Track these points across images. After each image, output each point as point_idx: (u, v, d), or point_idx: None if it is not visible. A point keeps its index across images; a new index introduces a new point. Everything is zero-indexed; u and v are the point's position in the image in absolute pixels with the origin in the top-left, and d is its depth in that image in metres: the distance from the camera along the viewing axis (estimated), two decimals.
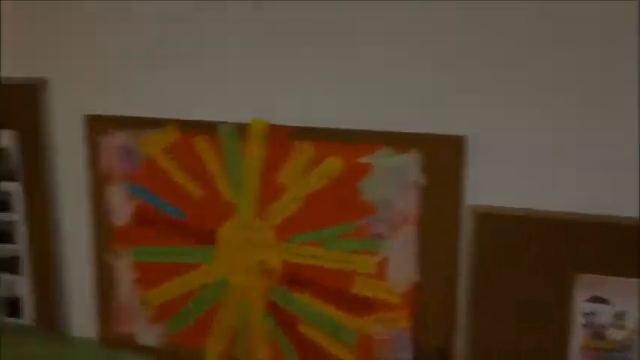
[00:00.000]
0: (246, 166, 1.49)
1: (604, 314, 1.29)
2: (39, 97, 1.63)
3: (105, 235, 1.65)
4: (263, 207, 1.50)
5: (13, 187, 1.72)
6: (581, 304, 1.30)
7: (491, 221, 1.33)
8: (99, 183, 1.63)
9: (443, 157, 1.34)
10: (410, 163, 1.36)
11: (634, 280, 1.25)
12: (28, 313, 1.79)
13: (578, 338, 1.31)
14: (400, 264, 1.41)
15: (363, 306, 1.46)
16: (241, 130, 1.48)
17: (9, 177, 1.71)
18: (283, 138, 1.45)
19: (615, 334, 1.29)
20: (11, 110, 1.66)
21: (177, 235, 1.58)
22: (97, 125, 1.59)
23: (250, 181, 1.49)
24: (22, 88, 1.64)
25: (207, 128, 1.50)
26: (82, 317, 1.75)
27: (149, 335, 1.67)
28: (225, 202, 1.53)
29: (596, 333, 1.30)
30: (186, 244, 1.58)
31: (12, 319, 1.81)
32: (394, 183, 1.38)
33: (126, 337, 1.69)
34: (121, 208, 1.62)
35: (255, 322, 1.56)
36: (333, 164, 1.42)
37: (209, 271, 1.58)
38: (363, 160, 1.40)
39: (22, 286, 1.78)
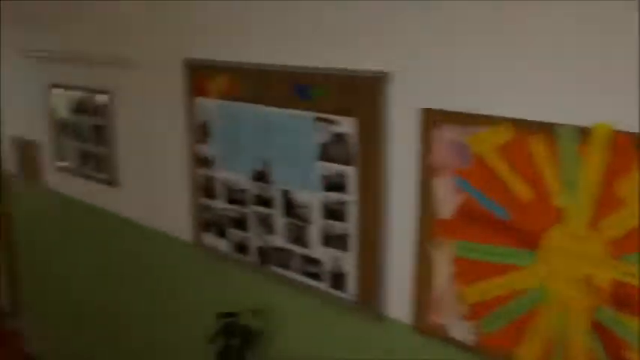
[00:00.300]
0: (583, 172, 1.40)
1: None
2: (381, 89, 1.73)
3: (429, 225, 1.70)
4: (597, 218, 1.39)
5: (349, 171, 1.86)
6: None
7: None
8: (428, 174, 1.68)
9: None
10: None
11: None
12: (351, 289, 1.94)
13: None
14: None
15: None
16: (581, 133, 1.39)
17: (346, 161, 1.86)
18: (628, 146, 1.33)
19: None
20: (355, 100, 1.80)
21: (499, 235, 1.56)
22: (431, 119, 1.64)
23: (586, 188, 1.40)
24: (366, 80, 1.76)
25: (544, 129, 1.44)
26: (398, 300, 1.84)
27: (461, 330, 1.68)
28: (554, 207, 1.46)
29: None
30: (508, 245, 1.55)
31: (336, 292, 1.98)
32: None
33: (438, 327, 1.73)
34: (447, 200, 1.65)
35: (576, 338, 1.47)
36: None
37: (529, 275, 1.52)
38: None
39: (348, 262, 1.93)
